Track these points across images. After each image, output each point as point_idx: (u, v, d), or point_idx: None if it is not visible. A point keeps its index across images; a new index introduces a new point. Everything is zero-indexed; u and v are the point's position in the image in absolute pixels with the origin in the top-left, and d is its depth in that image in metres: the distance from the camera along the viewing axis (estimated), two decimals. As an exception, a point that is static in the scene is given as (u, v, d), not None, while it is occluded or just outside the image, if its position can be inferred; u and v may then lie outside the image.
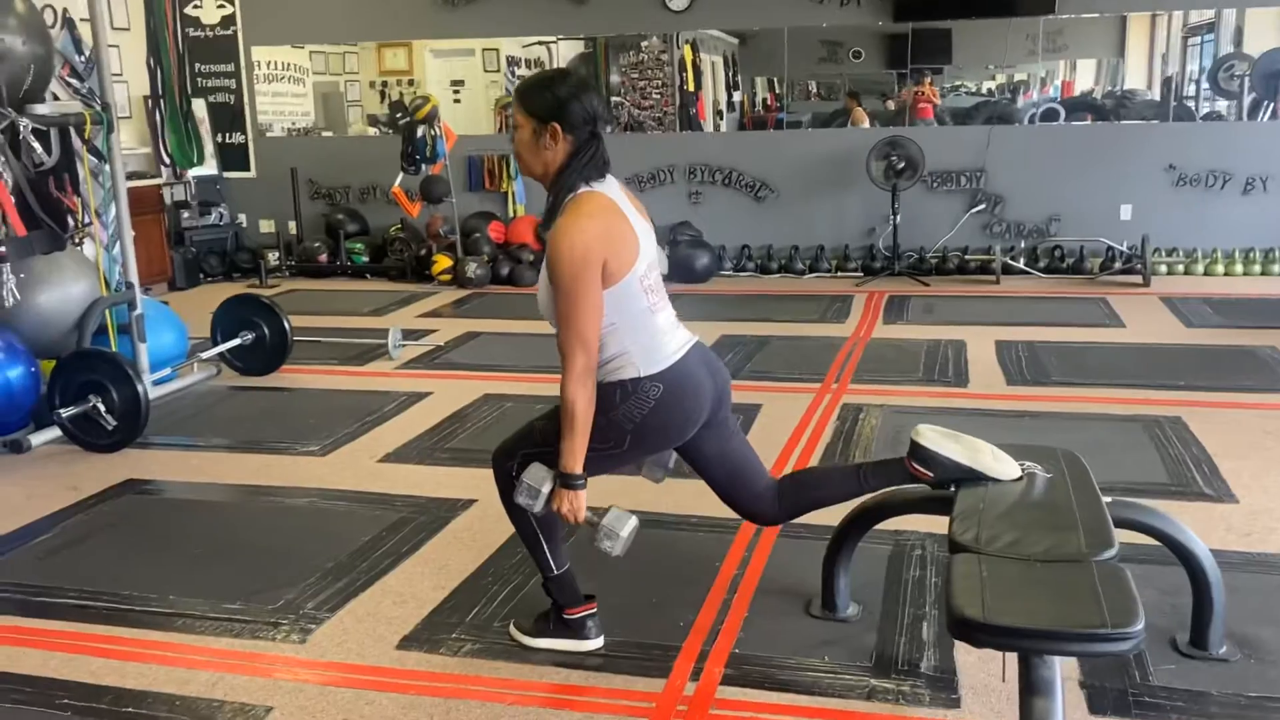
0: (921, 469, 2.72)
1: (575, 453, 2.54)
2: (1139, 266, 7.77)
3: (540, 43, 9.45)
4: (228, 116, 9.38)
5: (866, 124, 8.72)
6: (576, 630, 2.86)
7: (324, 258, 8.90)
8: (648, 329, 2.59)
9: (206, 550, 3.60)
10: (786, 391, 5.25)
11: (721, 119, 9.34)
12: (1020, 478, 2.69)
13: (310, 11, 9.29)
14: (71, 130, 4.83)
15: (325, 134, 10.09)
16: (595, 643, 2.87)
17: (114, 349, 5.19)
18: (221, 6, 9.23)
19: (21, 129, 4.50)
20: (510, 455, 2.74)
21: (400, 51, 11.90)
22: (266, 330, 5.76)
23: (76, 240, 5.40)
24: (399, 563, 3.44)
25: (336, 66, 11.71)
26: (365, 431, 4.80)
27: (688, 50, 8.96)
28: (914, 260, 8.33)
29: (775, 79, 8.99)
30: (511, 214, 9.00)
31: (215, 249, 8.96)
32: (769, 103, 9.02)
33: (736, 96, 9.35)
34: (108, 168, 5.98)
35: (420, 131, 8.20)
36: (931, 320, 6.83)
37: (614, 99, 9.16)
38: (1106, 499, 2.74)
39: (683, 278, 8.25)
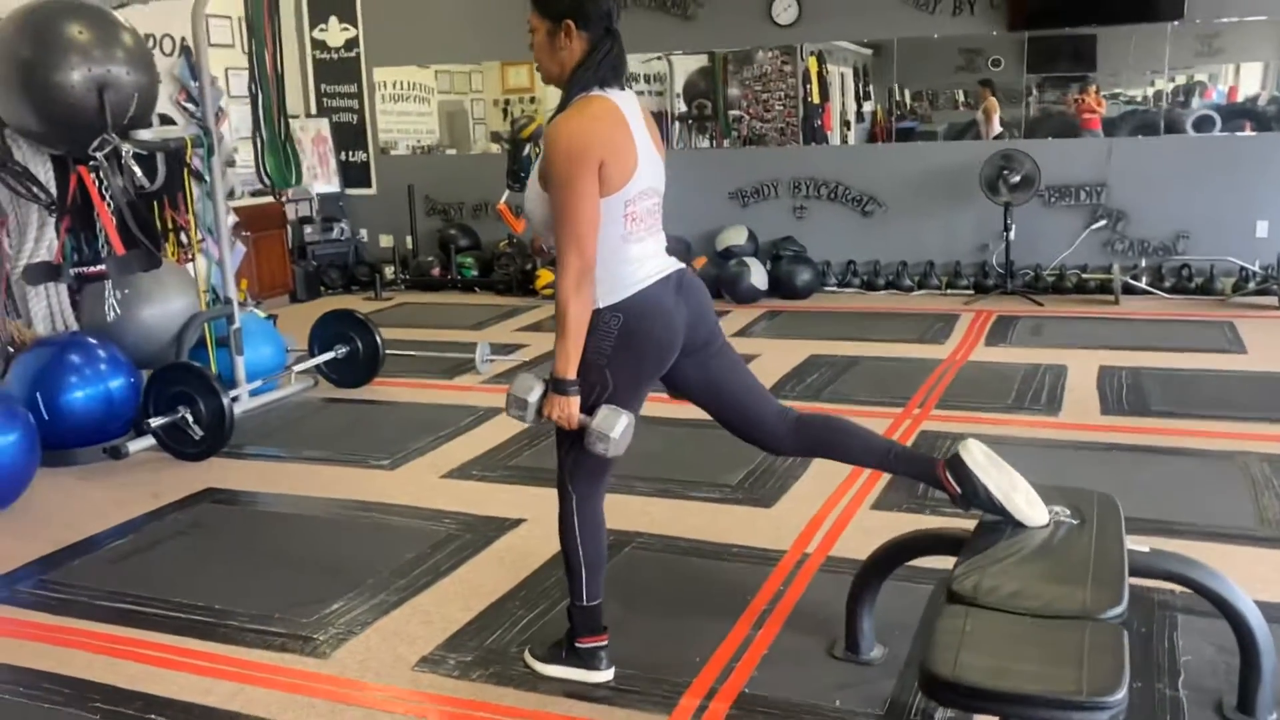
0: (951, 481, 2.61)
1: (568, 357, 2.51)
2: (1275, 288, 7.24)
3: (659, 57, 9.48)
4: (350, 135, 9.74)
5: (998, 115, 8.28)
6: (586, 660, 2.83)
7: (436, 271, 9.14)
8: (616, 258, 2.54)
9: (264, 560, 3.74)
10: (863, 416, 5.08)
11: (849, 130, 9.18)
12: (1046, 525, 2.54)
13: (431, 33, 9.58)
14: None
15: (449, 151, 10.36)
16: (604, 674, 2.83)
17: (212, 362, 5.47)
18: (345, 30, 9.60)
19: (124, 153, 4.77)
20: (561, 466, 2.75)
21: (523, 70, 12.19)
22: (360, 344, 5.95)
23: (189, 256, 5.70)
24: (436, 581, 3.49)
25: (462, 85, 12.04)
26: (436, 446, 4.89)
27: (813, 62, 8.83)
28: (1029, 278, 7.98)
29: (903, 88, 8.72)
30: (617, 229, 9.03)
31: (336, 263, 9.31)
32: (898, 112, 8.75)
33: (868, 107, 9.14)
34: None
35: (525, 150, 8.33)
36: (1037, 343, 6.52)
37: (732, 112, 9.12)
38: (1145, 548, 2.58)
39: (783, 294, 8.13)
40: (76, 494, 4.47)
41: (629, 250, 2.57)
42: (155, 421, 4.72)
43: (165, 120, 5.69)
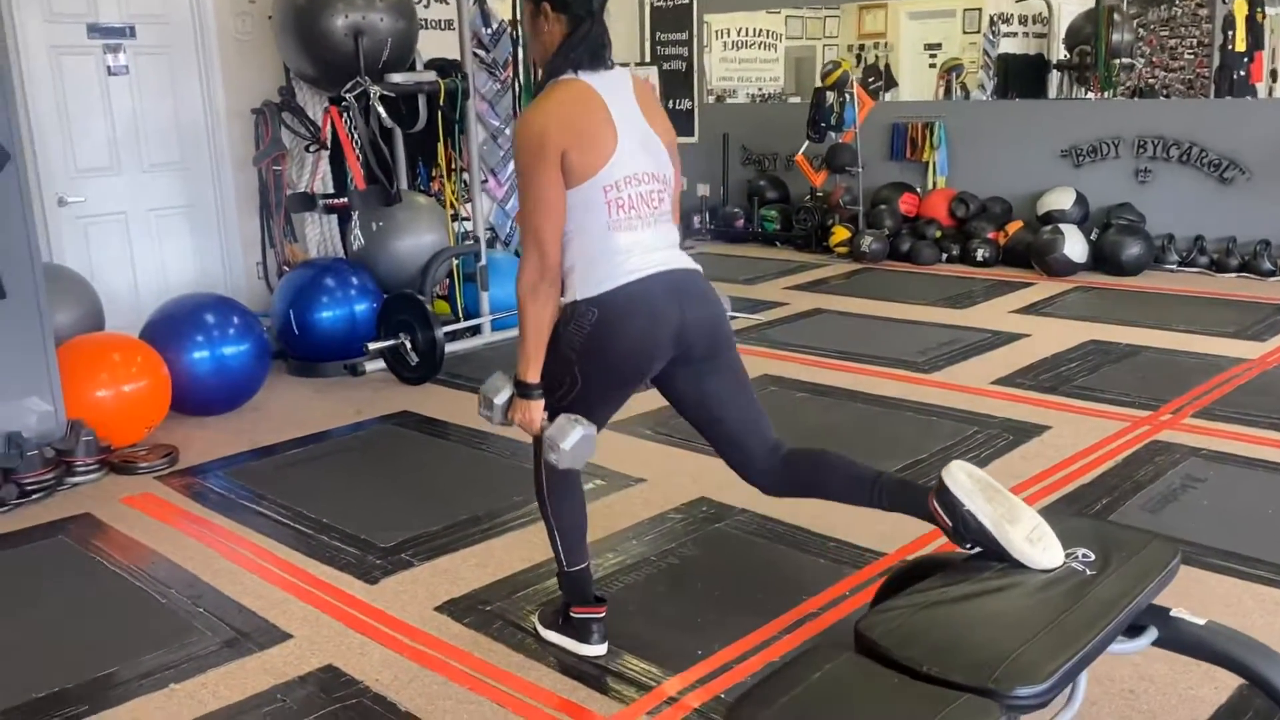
0: (940, 513, 2.19)
1: (528, 359, 2.40)
2: None
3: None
4: (678, 83, 9.84)
5: None
6: (579, 630, 2.73)
7: (740, 223, 9.05)
8: (601, 247, 2.36)
9: (396, 482, 3.96)
10: (1091, 415, 4.38)
11: (1276, 81, 7.87)
12: (1053, 569, 2.05)
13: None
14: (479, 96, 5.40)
15: (793, 100, 10.20)
16: (595, 648, 2.71)
17: (458, 295, 5.83)
18: (679, -24, 9.67)
19: (372, 95, 5.16)
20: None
21: (879, 14, 11.63)
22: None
23: (467, 196, 6.04)
24: (523, 527, 3.49)
25: (814, 31, 11.74)
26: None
27: (1240, 5, 7.59)
28: None
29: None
30: (930, 185, 8.41)
31: (650, 208, 9.50)
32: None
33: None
34: (507, 130, 6.66)
35: (829, 98, 7.96)
36: (1399, 351, 5.23)
37: (1121, 60, 8.12)
38: (1200, 620, 2.01)
39: (1107, 268, 7.14)
40: (301, 403, 4.98)
41: (616, 240, 2.37)
42: (374, 345, 5.12)
43: (452, 65, 6.02)
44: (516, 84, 5.77)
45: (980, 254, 7.68)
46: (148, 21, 5.36)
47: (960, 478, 2.19)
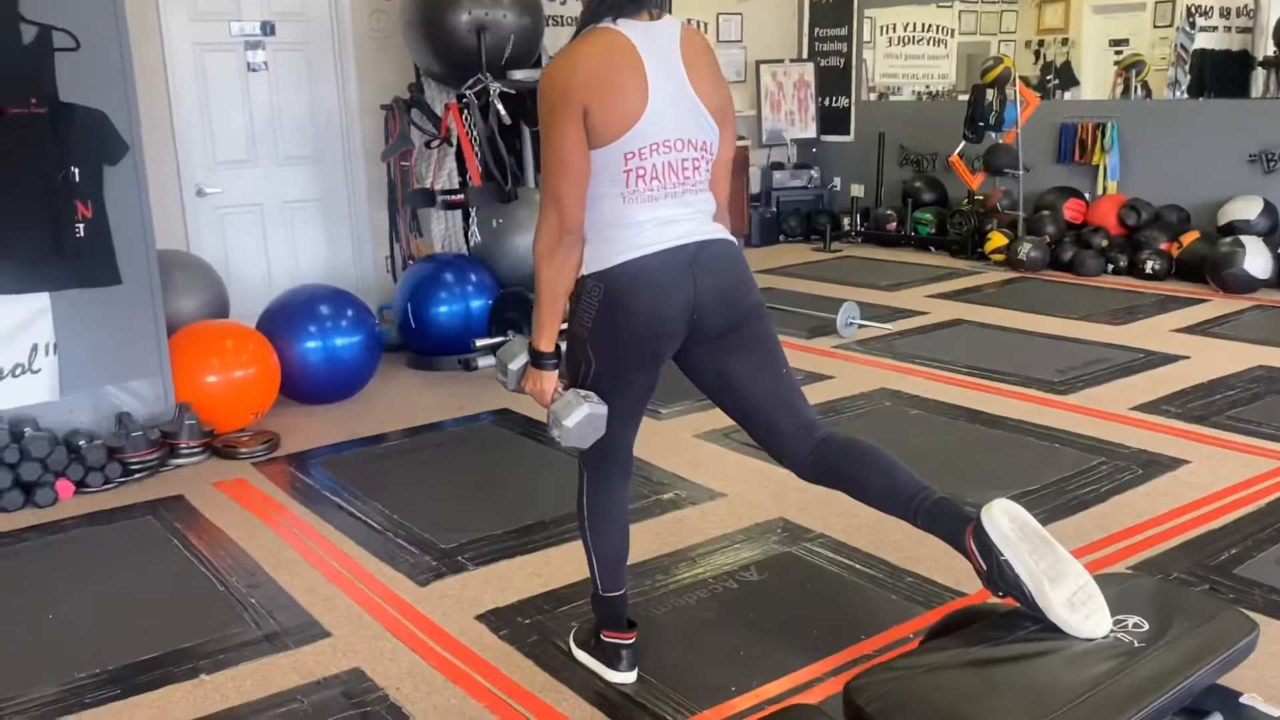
0: (976, 553, 1.95)
1: (540, 325, 2.27)
2: None
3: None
4: (835, 80, 9.51)
5: None
6: (607, 655, 2.59)
7: (892, 225, 8.66)
8: (612, 218, 2.19)
9: (476, 483, 3.91)
10: (1240, 450, 3.91)
11: None
12: (1095, 638, 1.77)
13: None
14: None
15: (961, 97, 9.72)
16: (622, 675, 2.56)
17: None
18: (841, -30, 9.33)
19: (492, 92, 5.16)
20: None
21: (1059, 8, 10.94)
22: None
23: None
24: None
25: (989, 26, 11.15)
26: (710, 407, 4.69)
27: None
28: None
29: None
30: (1100, 190, 7.81)
31: (799, 210, 9.24)
32: None
33: None
34: None
35: (989, 96, 7.50)
36: None
37: None
38: (1275, 711, 1.70)
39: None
40: (410, 396, 5.03)
41: (632, 212, 2.19)
42: (481, 342, 5.11)
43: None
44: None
45: (1150, 266, 7.06)
46: (287, 20, 5.54)
47: (1001, 522, 1.92)
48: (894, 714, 1.56)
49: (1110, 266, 7.29)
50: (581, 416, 2.23)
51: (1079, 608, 1.78)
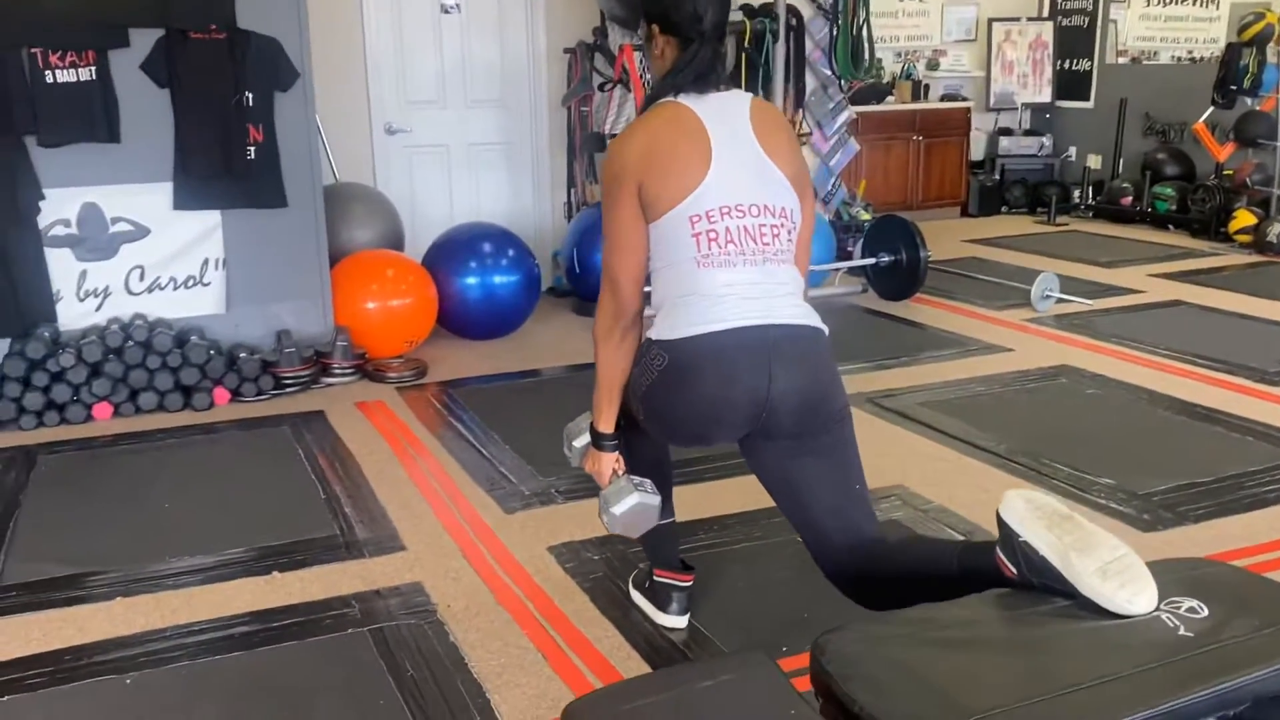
0: (1005, 562, 1.69)
1: (599, 407, 2.21)
2: None
3: None
4: (1077, 41, 8.74)
5: None
6: (659, 596, 2.48)
7: (1127, 200, 7.88)
8: (689, 284, 2.01)
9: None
10: None
11: None
12: (1141, 615, 1.49)
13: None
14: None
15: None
16: (672, 619, 2.44)
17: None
18: (1091, -80, 8.54)
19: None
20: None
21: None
22: (904, 256, 5.53)
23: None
24: (717, 479, 3.24)
25: (1273, -16, 9.94)
26: (886, 368, 4.42)
27: None
28: None
29: None
30: (1379, 169, 6.77)
31: (1026, 180, 8.59)
32: None
33: None
34: (841, 82, 6.28)
35: (1245, 56, 6.65)
36: None
37: None
38: None
39: None
40: (563, 338, 5.02)
41: (708, 278, 2.00)
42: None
43: (765, 7, 5.76)
44: (835, 25, 5.38)
45: None
46: (482, -38, 5.62)
47: (1017, 505, 1.67)
48: (850, 676, 1.35)
49: (1381, 254, 6.33)
50: (630, 506, 2.16)
51: (1112, 577, 1.49)
